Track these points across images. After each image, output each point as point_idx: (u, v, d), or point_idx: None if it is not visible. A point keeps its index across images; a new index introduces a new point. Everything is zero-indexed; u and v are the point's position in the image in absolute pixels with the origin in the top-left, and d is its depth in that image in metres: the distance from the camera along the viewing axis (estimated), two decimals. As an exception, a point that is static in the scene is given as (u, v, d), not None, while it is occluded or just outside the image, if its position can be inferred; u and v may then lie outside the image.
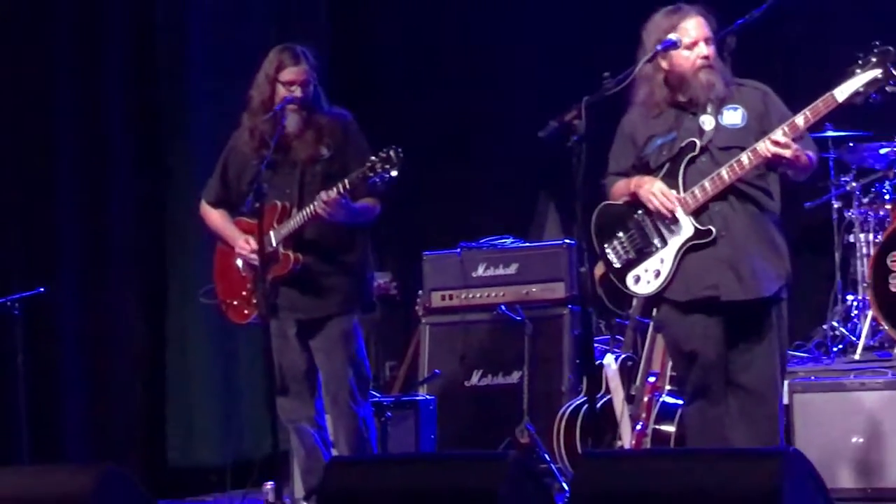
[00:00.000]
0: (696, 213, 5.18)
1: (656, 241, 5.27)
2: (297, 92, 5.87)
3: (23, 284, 7.08)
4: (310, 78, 5.92)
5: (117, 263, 8.09)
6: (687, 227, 5.19)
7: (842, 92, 4.99)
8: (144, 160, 8.23)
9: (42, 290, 7.00)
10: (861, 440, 6.35)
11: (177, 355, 8.24)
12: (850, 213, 7.55)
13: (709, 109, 5.25)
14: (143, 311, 8.19)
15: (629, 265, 5.33)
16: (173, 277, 8.22)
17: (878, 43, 4.97)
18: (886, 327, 7.05)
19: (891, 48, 4.94)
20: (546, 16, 8.84)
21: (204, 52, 8.44)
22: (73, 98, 7.98)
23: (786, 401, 5.89)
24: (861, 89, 4.99)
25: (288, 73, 5.89)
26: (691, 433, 5.47)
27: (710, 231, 5.15)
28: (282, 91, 5.89)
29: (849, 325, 7.50)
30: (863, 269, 7.36)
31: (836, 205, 7.61)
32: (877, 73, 4.94)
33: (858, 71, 4.98)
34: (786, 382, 5.63)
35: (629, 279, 5.33)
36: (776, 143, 5.00)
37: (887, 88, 5.00)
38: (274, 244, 5.84)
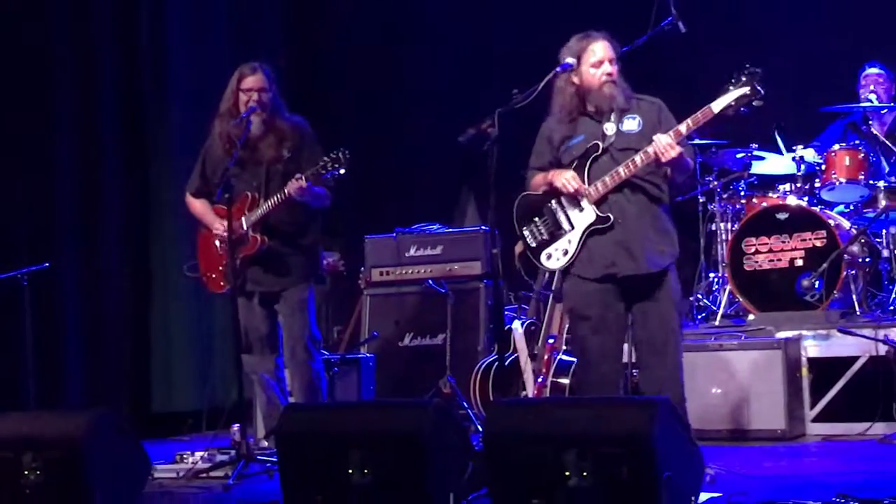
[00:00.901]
0: (598, 203, 5.18)
1: (565, 226, 5.27)
2: (255, 97, 5.90)
3: (30, 260, 7.11)
4: (266, 86, 5.96)
5: (110, 243, 8.13)
6: (590, 214, 5.20)
7: (717, 105, 5.04)
8: (133, 157, 8.27)
9: (47, 264, 7.04)
10: (720, 391, 6.47)
11: (160, 319, 8.29)
12: (712, 207, 7.68)
13: (611, 118, 5.24)
14: (131, 282, 8.21)
15: (543, 245, 5.33)
16: (156, 254, 8.25)
17: (748, 65, 5.05)
18: (740, 299, 7.19)
19: (758, 70, 5.02)
20: (466, 42, 8.97)
21: (181, 68, 8.45)
22: (72, 105, 7.99)
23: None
24: (733, 103, 5.03)
25: (247, 82, 5.94)
26: (581, 385, 5.50)
27: (608, 218, 5.16)
28: (243, 98, 5.94)
29: (710, 297, 7.59)
30: (722, 252, 7.45)
31: (701, 199, 7.73)
32: (746, 90, 5.00)
33: (731, 88, 5.03)
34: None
35: (543, 256, 5.33)
36: (662, 145, 5.03)
37: (754, 103, 5.04)
38: (245, 228, 5.91)
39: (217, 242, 6.08)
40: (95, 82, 8.13)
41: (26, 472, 4.74)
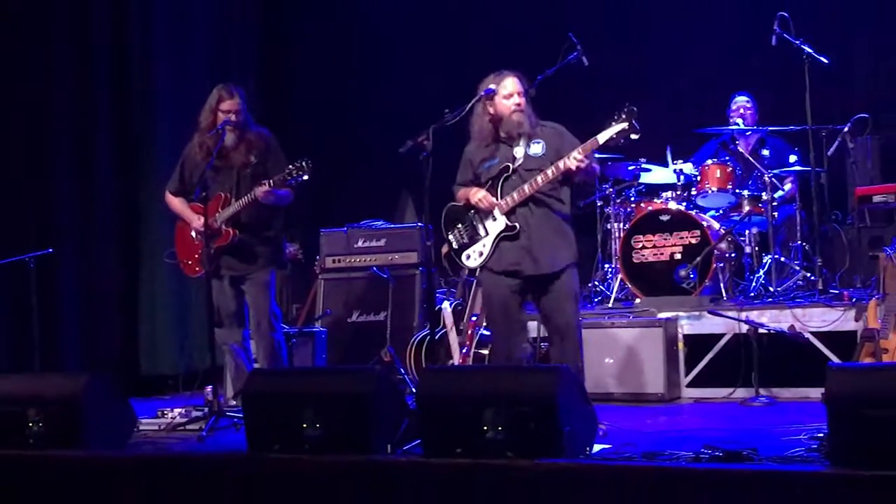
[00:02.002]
0: (508, 215, 5.24)
1: (482, 232, 5.34)
2: (232, 117, 5.88)
3: (36, 246, 7.04)
4: (241, 107, 5.92)
5: (104, 232, 8.04)
6: (501, 223, 5.27)
7: (602, 136, 5.09)
8: (124, 160, 8.16)
9: (50, 250, 6.98)
10: (611, 361, 6.52)
11: (146, 297, 8.19)
12: (607, 209, 7.69)
13: (520, 142, 5.29)
14: (122, 266, 8.13)
15: (464, 247, 5.40)
16: (144, 242, 8.14)
17: (627, 103, 5.09)
18: (629, 286, 7.22)
19: (635, 108, 5.05)
20: (407, 70, 8.97)
21: (165, 85, 8.34)
22: (73, 115, 7.90)
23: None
24: (614, 136, 5.08)
25: (225, 105, 5.90)
26: (496, 355, 5.56)
27: (515, 227, 5.22)
28: (221, 117, 5.89)
29: (605, 284, 7.60)
30: (615, 247, 7.47)
31: (598, 203, 7.75)
32: (625, 125, 5.04)
33: (613, 123, 5.07)
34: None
35: (464, 256, 5.40)
36: (575, 160, 5.08)
37: (632, 136, 5.07)
38: (219, 223, 5.87)
39: (193, 234, 6.03)
40: (93, 94, 8.03)
41: (30, 425, 4.74)
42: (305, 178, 5.75)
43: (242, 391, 4.77)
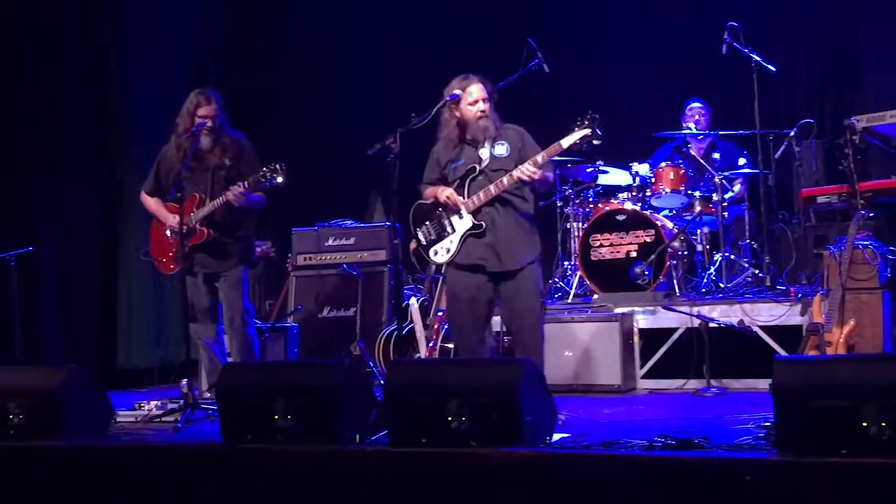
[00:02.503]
0: (475, 213, 5.24)
1: (449, 229, 5.33)
2: (209, 122, 5.86)
3: (17, 245, 7.02)
4: (217, 112, 5.90)
5: (83, 232, 8.04)
6: (468, 221, 5.27)
7: (566, 141, 5.11)
8: (102, 163, 8.15)
9: (31, 248, 6.98)
10: (571, 353, 6.54)
11: (124, 294, 8.15)
12: (567, 210, 7.69)
13: (485, 144, 5.30)
14: (100, 264, 8.10)
15: (432, 243, 5.39)
16: (121, 241, 8.10)
17: (590, 111, 5.11)
18: (588, 283, 7.25)
19: (597, 116, 5.08)
20: (377, 75, 8.97)
21: (144, 90, 8.30)
22: (53, 120, 7.91)
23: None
24: (577, 141, 5.11)
25: (202, 111, 5.86)
26: (461, 348, 5.53)
27: (481, 225, 5.23)
28: (198, 121, 5.86)
29: (565, 280, 7.61)
30: (574, 245, 7.49)
31: (559, 204, 7.76)
32: (587, 131, 5.08)
33: (576, 128, 5.10)
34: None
35: (431, 252, 5.40)
36: (527, 171, 5.12)
37: (594, 142, 5.11)
38: (193, 222, 5.84)
39: (168, 233, 5.99)
40: (71, 101, 8.02)
41: (11, 417, 4.70)
42: (280, 180, 5.73)
43: (216, 384, 4.73)
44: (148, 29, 8.51)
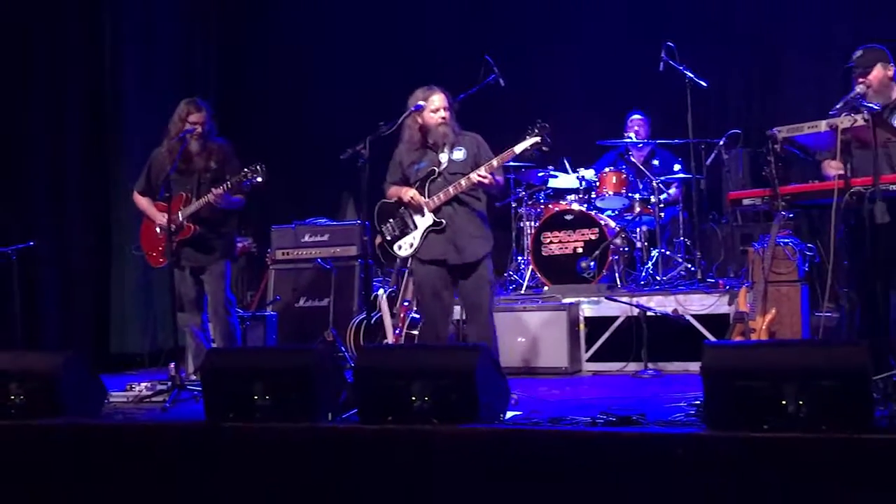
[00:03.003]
0: (435, 211, 5.24)
1: (411, 226, 5.31)
2: (199, 128, 5.83)
3: (18, 239, 6.94)
4: (206, 120, 5.87)
5: (79, 228, 7.93)
6: (429, 218, 5.26)
7: (518, 148, 5.10)
8: (97, 163, 8.04)
9: (31, 243, 6.88)
10: (523, 339, 6.55)
11: (116, 285, 8.06)
12: (521, 210, 7.68)
13: (445, 149, 5.29)
14: (95, 258, 8.00)
15: (395, 239, 5.36)
16: (115, 237, 8.01)
17: (540, 120, 5.12)
18: (539, 276, 7.26)
19: (547, 125, 5.08)
20: (348, 85, 8.91)
21: (135, 100, 8.19)
22: (51, 123, 7.80)
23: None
24: (529, 148, 5.09)
25: (193, 118, 5.82)
26: (424, 335, 5.57)
27: (441, 222, 5.23)
28: (188, 127, 5.83)
29: (518, 274, 7.61)
30: (527, 242, 7.47)
31: (513, 205, 7.75)
32: (537, 139, 5.07)
33: (528, 136, 5.09)
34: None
35: (395, 247, 5.37)
36: (480, 176, 5.13)
37: (543, 148, 5.10)
38: (181, 219, 5.81)
39: (157, 229, 5.94)
40: (69, 105, 7.92)
41: (12, 398, 4.66)
42: (259, 180, 5.70)
43: (201, 367, 4.71)
44: (142, 36, 8.41)
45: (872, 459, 3.38)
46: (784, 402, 3.55)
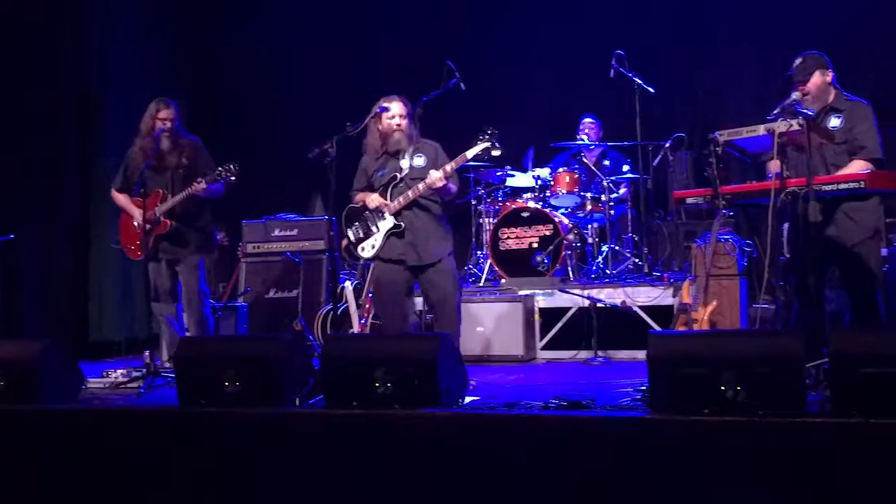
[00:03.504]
0: (396, 215, 5.24)
1: (374, 229, 5.31)
2: (167, 124, 5.79)
3: (-1, 232, 6.88)
4: (175, 117, 5.83)
5: (60, 222, 7.84)
6: (390, 221, 5.26)
7: (470, 153, 5.10)
8: (78, 162, 7.96)
9: (12, 236, 6.79)
10: (481, 329, 6.57)
11: (95, 277, 7.98)
12: (480, 207, 7.70)
13: (405, 156, 5.30)
14: (75, 251, 7.92)
15: (360, 241, 5.36)
16: (94, 231, 7.94)
17: (491, 127, 5.12)
18: (497, 269, 7.25)
19: (496, 131, 5.09)
20: (316, 88, 8.86)
21: (117, 103, 8.11)
22: (38, 123, 7.72)
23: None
24: (480, 153, 5.10)
25: (162, 114, 5.79)
26: (388, 325, 5.51)
27: (401, 225, 5.23)
28: (157, 124, 5.79)
29: (478, 267, 7.62)
30: (486, 237, 7.49)
31: (473, 202, 7.75)
32: (488, 144, 5.07)
33: (479, 142, 5.09)
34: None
35: (360, 248, 5.36)
36: (436, 179, 5.12)
37: (493, 153, 5.10)
38: (157, 215, 5.77)
39: (135, 224, 5.88)
40: (54, 104, 7.83)
41: (-6, 384, 4.58)
42: (233, 178, 5.69)
43: (175, 355, 4.66)
44: (125, 39, 8.33)
45: (804, 442, 3.42)
46: (723, 388, 3.58)
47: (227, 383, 4.23)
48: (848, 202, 4.54)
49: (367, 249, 5.36)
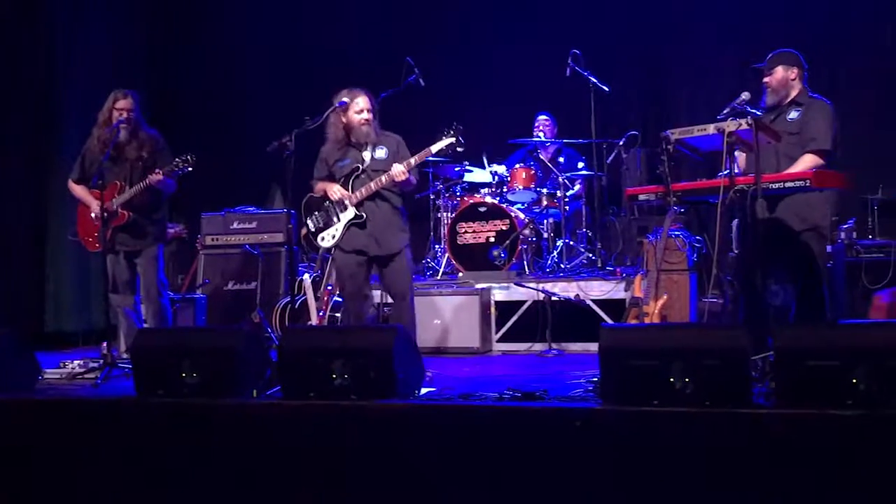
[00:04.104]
0: (357, 206, 5.24)
1: (335, 219, 5.31)
2: (125, 114, 5.71)
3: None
4: (132, 107, 5.74)
5: (17, 213, 7.68)
6: (351, 212, 5.26)
7: (434, 147, 5.15)
8: (34, 154, 7.80)
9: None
10: (438, 321, 6.57)
11: (53, 268, 7.82)
12: (438, 202, 7.69)
13: (368, 148, 5.29)
14: (32, 242, 7.77)
15: (320, 230, 5.36)
16: (52, 222, 7.78)
17: (455, 123, 5.16)
18: (455, 263, 7.27)
19: (461, 127, 5.11)
20: (276, 83, 8.81)
21: (73, 89, 7.95)
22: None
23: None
24: (444, 148, 5.15)
25: (119, 104, 5.72)
26: (346, 317, 5.53)
27: (363, 216, 5.24)
28: (116, 115, 5.71)
29: (436, 261, 7.61)
30: (444, 231, 7.49)
31: (432, 197, 7.75)
32: (452, 140, 5.13)
33: (444, 137, 5.14)
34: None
35: (319, 238, 5.36)
36: (399, 172, 5.14)
37: (458, 149, 5.16)
38: (115, 206, 5.69)
39: (93, 215, 5.79)
40: (10, 98, 7.65)
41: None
42: (190, 169, 5.64)
43: (132, 346, 4.61)
44: (80, 33, 8.15)
45: (750, 431, 3.46)
46: (672, 380, 3.61)
47: (184, 374, 4.18)
48: (792, 198, 4.61)
49: (328, 239, 5.34)
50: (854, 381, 3.42)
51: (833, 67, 7.76)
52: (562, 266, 7.12)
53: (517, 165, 7.53)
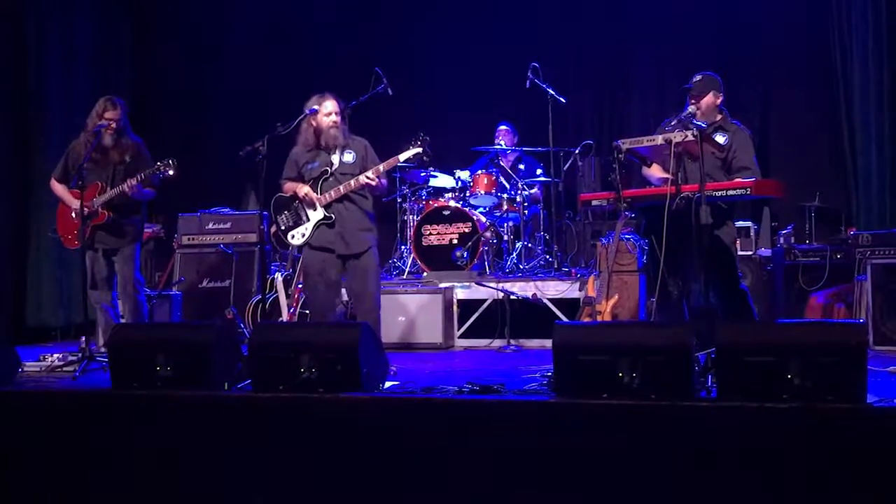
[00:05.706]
0: (326, 207, 5.21)
1: (304, 218, 5.27)
2: (113, 124, 5.65)
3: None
4: (121, 116, 5.69)
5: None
6: (320, 213, 5.22)
7: (402, 156, 5.13)
8: (18, 153, 7.66)
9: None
10: (403, 318, 6.54)
11: (33, 265, 7.69)
12: (405, 205, 7.66)
13: (336, 151, 5.26)
14: (13, 239, 7.63)
15: (290, 229, 5.32)
16: (33, 220, 7.66)
17: (422, 133, 5.14)
18: (419, 263, 7.23)
19: (427, 137, 5.10)
20: (249, 89, 8.73)
21: (55, 94, 7.82)
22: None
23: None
24: (411, 157, 5.14)
25: (108, 114, 5.65)
26: (315, 314, 5.48)
27: (331, 217, 5.21)
28: (103, 122, 5.65)
29: (401, 261, 7.58)
30: (410, 233, 7.43)
31: (399, 200, 7.72)
32: (419, 150, 5.11)
33: (411, 146, 5.12)
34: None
35: (289, 236, 5.32)
36: (369, 178, 5.12)
37: (424, 158, 5.15)
38: (95, 206, 5.63)
39: (73, 214, 5.72)
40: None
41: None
42: (171, 173, 5.58)
43: (109, 340, 4.56)
44: (64, 37, 8.01)
45: (692, 423, 3.50)
46: (620, 375, 3.64)
47: (158, 368, 4.15)
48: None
49: (297, 237, 5.30)
50: (789, 376, 3.48)
51: (767, 83, 7.90)
52: (520, 267, 7.14)
53: (479, 171, 7.55)
